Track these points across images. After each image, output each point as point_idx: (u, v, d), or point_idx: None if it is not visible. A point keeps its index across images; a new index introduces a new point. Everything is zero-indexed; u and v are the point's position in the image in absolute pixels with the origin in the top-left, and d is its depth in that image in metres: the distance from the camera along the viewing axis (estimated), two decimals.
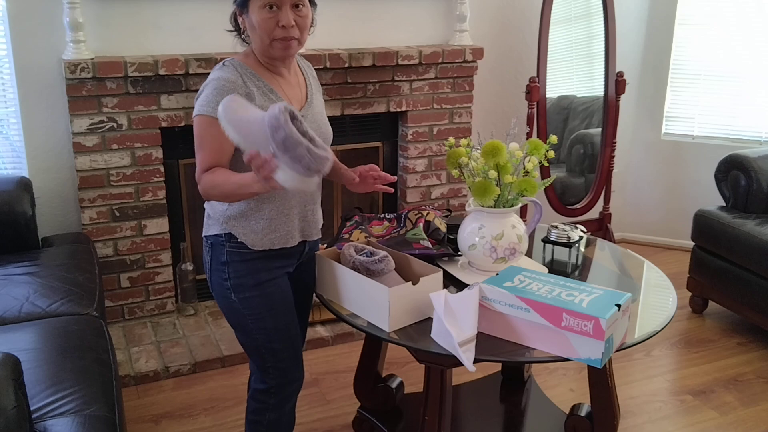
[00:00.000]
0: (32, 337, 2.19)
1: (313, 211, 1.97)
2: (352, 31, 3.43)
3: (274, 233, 1.87)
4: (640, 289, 2.12)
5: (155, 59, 2.93)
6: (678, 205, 4.24)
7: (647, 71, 4.20)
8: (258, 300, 1.89)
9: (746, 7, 3.92)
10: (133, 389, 2.82)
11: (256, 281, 1.88)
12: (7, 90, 2.98)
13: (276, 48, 1.78)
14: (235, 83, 1.75)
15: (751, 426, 2.64)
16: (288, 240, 1.90)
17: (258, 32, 1.77)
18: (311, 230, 1.98)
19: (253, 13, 1.76)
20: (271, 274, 1.90)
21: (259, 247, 1.86)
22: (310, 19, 1.82)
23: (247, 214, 1.85)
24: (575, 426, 2.24)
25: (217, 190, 1.72)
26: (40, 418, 1.79)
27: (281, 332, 1.93)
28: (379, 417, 2.39)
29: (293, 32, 1.76)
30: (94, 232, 3.06)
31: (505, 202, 2.02)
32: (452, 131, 3.65)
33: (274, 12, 1.74)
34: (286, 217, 1.88)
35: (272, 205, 1.86)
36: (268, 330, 1.91)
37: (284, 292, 1.94)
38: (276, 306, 1.92)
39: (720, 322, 3.42)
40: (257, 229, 1.85)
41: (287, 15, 1.74)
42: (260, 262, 1.88)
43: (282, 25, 1.74)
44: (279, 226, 1.87)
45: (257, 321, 1.90)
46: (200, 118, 1.75)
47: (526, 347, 1.75)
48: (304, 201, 1.93)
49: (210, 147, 1.74)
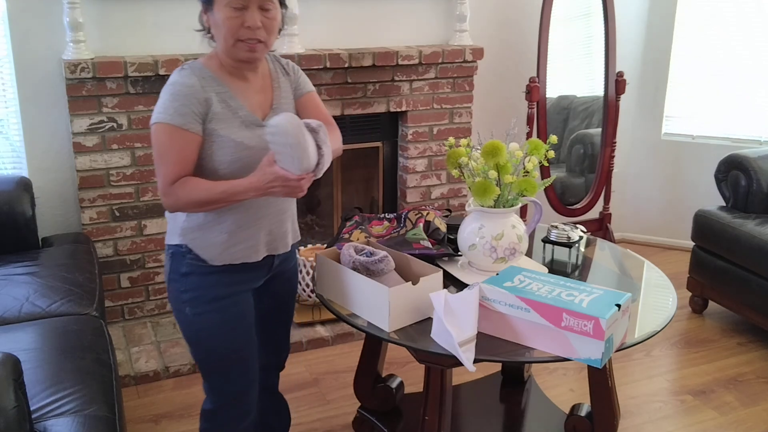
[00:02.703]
0: (32, 337, 2.19)
1: (280, 224, 1.85)
2: (352, 31, 3.43)
3: (234, 247, 1.77)
4: (640, 289, 2.12)
5: (155, 59, 2.93)
6: (678, 205, 4.24)
7: (647, 71, 4.19)
8: (212, 316, 1.80)
9: (746, 7, 3.92)
10: (133, 389, 2.82)
11: (213, 296, 1.79)
12: (7, 90, 2.98)
13: (240, 49, 1.68)
14: (193, 87, 1.67)
15: (751, 426, 2.64)
16: (250, 254, 1.79)
17: (222, 31, 1.67)
18: (278, 244, 1.86)
19: (218, 11, 1.66)
20: (230, 290, 1.80)
21: (218, 262, 1.77)
22: (278, 22, 1.72)
23: (205, 226, 1.75)
24: (575, 426, 2.24)
25: (197, 200, 1.65)
26: (40, 418, 1.79)
27: (233, 353, 1.85)
28: (379, 417, 2.39)
29: (259, 34, 1.67)
30: (94, 232, 3.06)
31: (505, 202, 2.02)
32: (452, 131, 3.65)
33: (240, 11, 1.64)
34: (249, 231, 1.77)
35: (233, 217, 1.75)
36: (219, 349, 1.83)
37: (243, 311, 1.84)
38: (231, 325, 1.82)
39: (720, 322, 3.42)
40: (216, 243, 1.75)
41: (254, 16, 1.65)
42: (219, 277, 1.78)
43: (247, 25, 1.65)
44: (240, 239, 1.77)
45: (209, 338, 1.82)
46: (159, 126, 1.65)
47: (526, 347, 1.75)
48: (271, 213, 1.81)
49: (175, 157, 1.65)
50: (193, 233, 1.76)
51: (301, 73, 1.91)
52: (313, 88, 1.92)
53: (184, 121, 1.64)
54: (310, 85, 1.91)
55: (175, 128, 1.63)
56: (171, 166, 1.65)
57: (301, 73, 1.91)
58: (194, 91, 1.66)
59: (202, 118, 1.67)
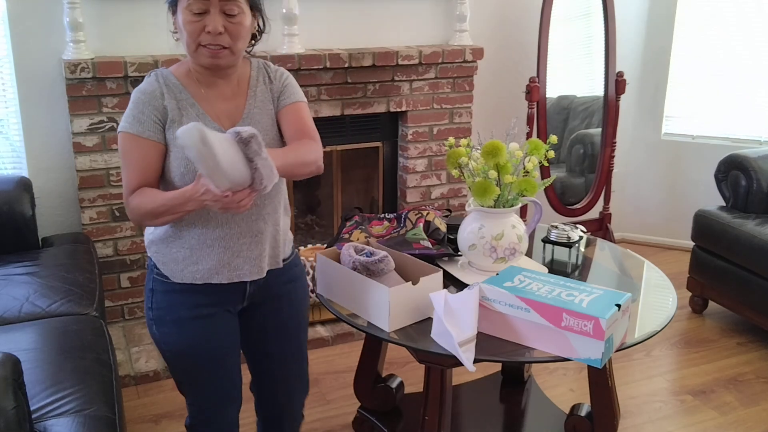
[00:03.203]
0: (32, 337, 2.18)
1: (252, 245, 1.69)
2: (352, 31, 3.43)
3: (196, 265, 1.66)
4: (640, 289, 2.12)
5: (155, 59, 2.93)
6: (678, 205, 4.24)
7: (647, 71, 4.20)
8: (175, 338, 1.72)
9: (746, 7, 3.92)
10: (133, 389, 2.82)
11: (175, 317, 1.70)
12: (7, 90, 2.98)
13: (202, 55, 1.59)
14: (152, 94, 1.61)
15: (751, 426, 2.64)
16: (212, 276, 1.67)
17: (184, 36, 1.60)
18: (247, 268, 1.70)
19: (180, 13, 1.59)
20: (192, 312, 1.70)
21: (179, 280, 1.68)
22: (245, 27, 1.61)
23: (167, 239, 1.67)
24: (575, 426, 2.24)
25: (146, 210, 1.57)
26: (40, 418, 1.79)
27: (201, 375, 1.77)
28: (379, 417, 2.39)
29: (221, 39, 1.57)
30: (94, 232, 3.06)
31: (505, 202, 2.02)
32: (452, 131, 3.65)
33: (201, 16, 1.56)
34: (210, 249, 1.65)
35: (195, 231, 1.65)
36: (186, 369, 1.78)
37: (209, 334, 1.72)
38: (194, 349, 1.73)
39: (720, 322, 3.42)
40: (178, 259, 1.67)
41: (214, 20, 1.55)
42: (181, 296, 1.70)
43: (208, 30, 1.55)
44: (202, 257, 1.66)
45: (175, 358, 1.77)
46: (121, 135, 1.61)
47: (526, 347, 1.75)
48: (237, 232, 1.67)
49: (135, 166, 1.59)
50: (156, 246, 1.70)
51: (291, 82, 1.76)
52: (299, 99, 1.75)
53: (142, 129, 1.59)
54: (296, 96, 1.74)
55: (134, 136, 1.59)
56: (130, 175, 1.60)
57: (290, 82, 1.76)
58: (153, 98, 1.61)
59: (162, 126, 1.62)
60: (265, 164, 1.43)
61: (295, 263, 1.86)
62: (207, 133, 1.36)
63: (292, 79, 1.77)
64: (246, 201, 1.45)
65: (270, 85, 1.73)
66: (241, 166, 1.41)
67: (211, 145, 1.35)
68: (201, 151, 1.36)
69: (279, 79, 1.75)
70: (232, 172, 1.39)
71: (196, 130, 1.35)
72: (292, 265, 1.84)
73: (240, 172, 1.41)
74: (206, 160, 1.37)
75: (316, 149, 1.68)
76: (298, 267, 1.88)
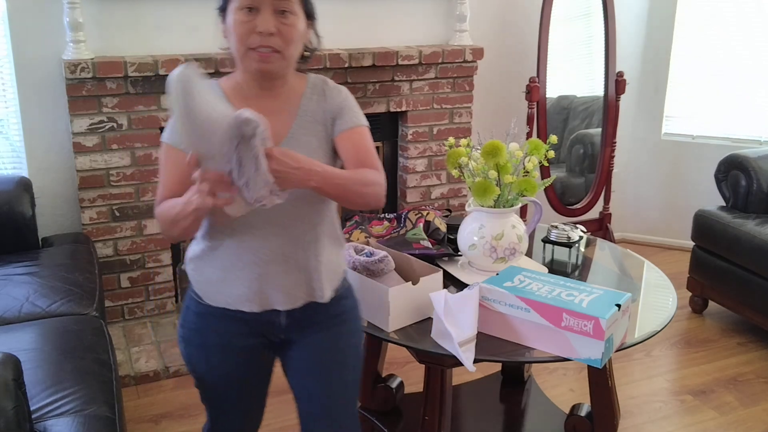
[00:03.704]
0: (32, 337, 2.18)
1: (283, 273, 1.53)
2: (352, 31, 3.43)
3: (228, 289, 1.54)
4: (640, 289, 2.12)
5: (155, 59, 2.93)
6: (678, 205, 4.24)
7: (647, 71, 4.19)
8: (201, 363, 1.63)
9: (746, 7, 3.92)
10: (133, 389, 2.82)
11: (203, 342, 1.61)
12: (7, 90, 2.98)
13: (251, 59, 1.46)
14: None
15: (751, 426, 2.64)
16: (243, 303, 1.54)
17: (233, 40, 1.47)
18: (280, 297, 1.54)
19: (229, 14, 1.47)
20: (222, 340, 1.59)
21: (212, 303, 1.56)
22: (299, 31, 1.49)
23: (203, 257, 1.56)
24: (575, 426, 2.24)
25: (164, 219, 1.46)
26: (40, 418, 1.79)
27: (221, 405, 1.69)
28: (379, 417, 2.39)
29: (272, 41, 1.44)
30: (94, 232, 3.06)
31: (505, 202, 2.02)
32: (452, 131, 3.65)
33: (252, 15, 1.44)
34: (242, 272, 1.52)
35: (227, 253, 1.53)
36: (207, 395, 1.70)
37: (235, 366, 1.62)
38: (218, 379, 1.64)
39: (720, 322, 3.42)
40: (211, 279, 1.55)
41: (266, 20, 1.43)
42: (212, 321, 1.58)
43: (259, 31, 1.43)
44: (234, 282, 1.53)
45: (197, 379, 1.68)
46: (162, 144, 1.54)
47: (526, 347, 1.75)
48: (267, 258, 1.51)
49: (166, 177, 1.50)
50: (194, 263, 1.59)
51: (350, 104, 1.58)
52: (359, 123, 1.56)
53: (176, 139, 1.49)
54: (356, 120, 1.56)
55: (169, 146, 1.50)
56: (161, 186, 1.51)
57: (348, 104, 1.58)
58: None
59: None
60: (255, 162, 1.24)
61: (344, 296, 1.66)
62: (197, 78, 1.23)
63: (352, 99, 1.60)
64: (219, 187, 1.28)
65: (323, 104, 1.57)
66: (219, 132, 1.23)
67: (193, 86, 1.21)
68: (178, 90, 1.21)
69: (335, 98, 1.57)
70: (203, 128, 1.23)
71: (187, 68, 1.22)
72: (339, 298, 1.64)
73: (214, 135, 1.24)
74: (180, 101, 1.22)
75: (379, 179, 1.51)
76: (347, 301, 1.68)
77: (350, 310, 1.68)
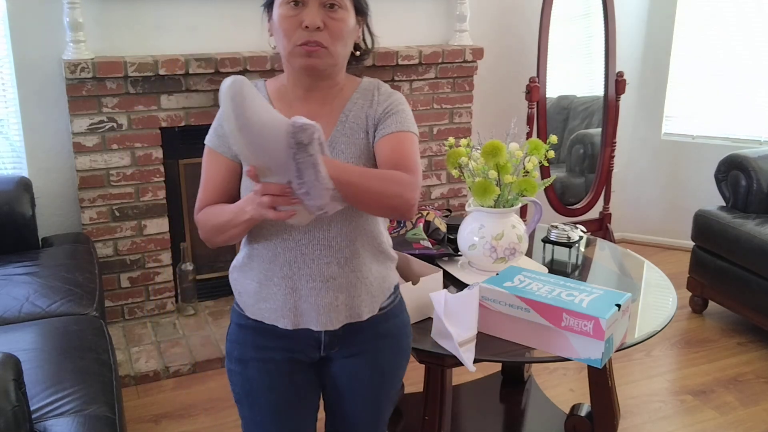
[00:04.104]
0: (32, 337, 2.19)
1: (322, 291, 1.43)
2: None
3: (265, 302, 1.46)
4: (640, 289, 2.12)
5: (155, 59, 2.93)
6: (678, 205, 4.24)
7: (647, 71, 4.20)
8: (238, 378, 1.54)
9: (746, 7, 3.92)
10: (133, 389, 2.82)
11: (241, 355, 1.52)
12: (7, 90, 2.98)
13: (297, 55, 1.37)
14: None
15: (751, 426, 2.64)
16: (278, 318, 1.46)
17: (279, 36, 1.39)
18: (315, 316, 1.45)
19: (276, 10, 1.39)
20: (259, 354, 1.50)
21: (251, 315, 1.49)
22: (348, 26, 1.39)
23: (243, 267, 1.49)
24: (575, 426, 2.24)
25: (211, 224, 1.40)
26: (40, 418, 1.79)
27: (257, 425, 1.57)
28: None
29: (319, 36, 1.35)
30: (94, 232, 3.06)
31: (505, 202, 2.03)
32: (452, 131, 3.65)
33: (298, 9, 1.35)
34: (276, 287, 1.45)
35: (263, 265, 1.45)
36: (243, 415, 1.59)
37: (271, 382, 1.51)
38: (254, 395, 1.53)
39: (720, 322, 3.42)
40: (250, 291, 1.48)
41: (312, 13, 1.34)
42: (251, 334, 1.50)
43: (305, 25, 1.34)
44: (269, 295, 1.45)
45: (236, 395, 1.58)
46: (205, 148, 1.47)
47: (526, 347, 1.75)
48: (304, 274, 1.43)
49: (206, 182, 1.45)
50: (236, 273, 1.52)
51: (399, 109, 1.46)
52: (404, 129, 1.44)
53: (219, 143, 1.44)
54: (401, 125, 1.44)
55: (210, 150, 1.45)
56: (202, 190, 1.45)
57: (398, 110, 1.45)
58: None
59: None
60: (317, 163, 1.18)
61: (393, 315, 1.55)
62: (248, 89, 1.17)
63: (403, 105, 1.47)
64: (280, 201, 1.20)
65: (368, 109, 1.46)
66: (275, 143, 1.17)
67: (245, 99, 1.16)
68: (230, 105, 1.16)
69: (382, 103, 1.46)
70: (259, 140, 1.17)
71: (236, 81, 1.16)
72: (387, 317, 1.53)
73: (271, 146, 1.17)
74: (233, 116, 1.16)
75: (409, 181, 1.39)
76: (396, 320, 1.56)
77: (399, 329, 1.57)
